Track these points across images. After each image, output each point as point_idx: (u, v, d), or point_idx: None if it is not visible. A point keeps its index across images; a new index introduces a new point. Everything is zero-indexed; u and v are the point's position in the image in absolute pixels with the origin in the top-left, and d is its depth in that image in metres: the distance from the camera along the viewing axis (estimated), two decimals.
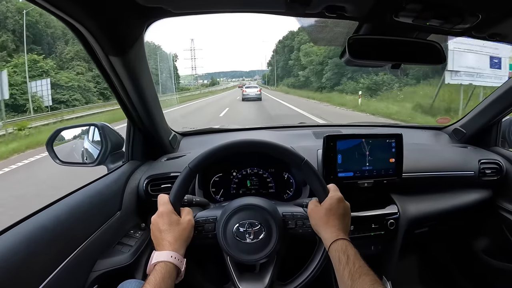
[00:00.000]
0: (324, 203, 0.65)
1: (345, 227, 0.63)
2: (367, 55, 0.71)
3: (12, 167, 5.05)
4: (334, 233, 0.60)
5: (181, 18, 10.71)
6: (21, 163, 5.27)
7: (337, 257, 0.56)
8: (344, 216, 0.64)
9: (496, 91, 1.08)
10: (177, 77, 39.58)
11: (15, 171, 4.86)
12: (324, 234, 0.61)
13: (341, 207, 0.64)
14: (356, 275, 0.52)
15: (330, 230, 0.61)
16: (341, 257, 0.56)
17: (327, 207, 0.63)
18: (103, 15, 0.57)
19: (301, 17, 0.59)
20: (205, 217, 0.68)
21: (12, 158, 5.77)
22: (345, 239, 0.59)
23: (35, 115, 12.63)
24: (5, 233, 0.55)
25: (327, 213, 0.63)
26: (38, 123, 9.80)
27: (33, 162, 5.34)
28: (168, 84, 24.01)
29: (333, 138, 0.89)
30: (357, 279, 0.51)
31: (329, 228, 0.61)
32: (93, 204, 0.75)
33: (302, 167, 0.67)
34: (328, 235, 0.60)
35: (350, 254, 0.56)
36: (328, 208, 0.63)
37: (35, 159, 5.42)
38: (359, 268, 0.53)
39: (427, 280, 1.33)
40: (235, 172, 0.98)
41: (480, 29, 0.70)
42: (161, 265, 0.56)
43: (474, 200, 1.07)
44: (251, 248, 0.64)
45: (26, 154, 6.00)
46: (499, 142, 1.18)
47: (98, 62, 0.69)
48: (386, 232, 0.94)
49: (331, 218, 0.62)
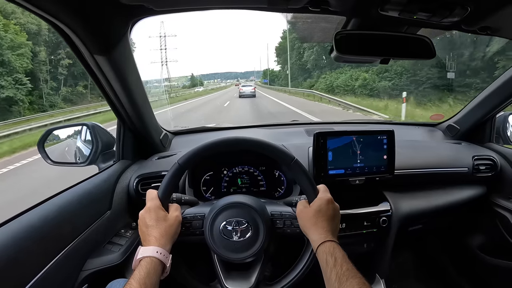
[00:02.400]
0: (313, 204, 0.64)
1: (334, 229, 0.62)
2: (354, 51, 0.70)
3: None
4: (322, 234, 0.59)
5: (173, 19, 10.55)
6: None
7: (324, 259, 0.55)
8: (333, 218, 0.63)
9: (489, 87, 1.07)
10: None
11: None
12: (312, 235, 0.61)
13: (330, 208, 0.63)
14: (344, 278, 0.51)
15: (318, 231, 0.60)
16: (328, 259, 0.55)
17: (316, 208, 0.63)
18: (86, 15, 0.57)
19: (284, 12, 0.58)
20: (193, 214, 0.68)
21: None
22: (333, 241, 0.58)
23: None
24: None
25: (316, 214, 0.62)
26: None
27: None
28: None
29: (324, 135, 0.88)
30: (345, 282, 0.51)
31: (317, 229, 0.60)
32: (82, 203, 0.74)
33: (292, 166, 0.66)
34: (316, 237, 0.59)
35: (337, 257, 0.55)
36: (317, 210, 0.62)
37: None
38: (346, 271, 0.52)
39: (421, 278, 1.32)
40: (226, 170, 0.98)
41: (470, 22, 0.69)
42: (146, 260, 0.55)
43: (468, 197, 1.06)
44: (237, 246, 0.63)
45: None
46: (493, 138, 1.17)
47: (84, 62, 0.69)
48: (378, 229, 0.93)
49: (319, 219, 0.61)
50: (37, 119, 11.55)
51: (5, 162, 5.36)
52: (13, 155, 6.00)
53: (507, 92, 1.03)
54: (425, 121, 1.36)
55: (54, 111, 14.99)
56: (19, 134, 8.42)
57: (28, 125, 9.68)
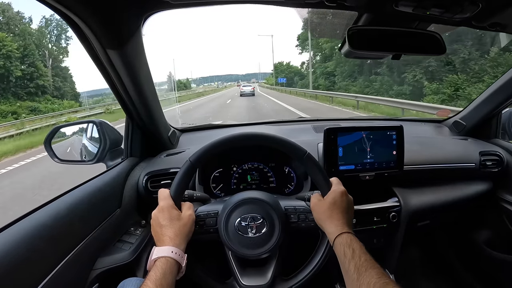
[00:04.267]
0: (327, 196, 0.64)
1: (349, 220, 0.62)
2: (367, 46, 0.70)
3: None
4: (339, 226, 0.59)
5: (172, 21, 10.33)
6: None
7: (342, 251, 0.55)
8: (347, 210, 0.63)
9: (495, 83, 1.08)
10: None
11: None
12: (328, 228, 0.61)
13: (344, 200, 0.64)
14: (362, 269, 0.51)
15: (334, 224, 0.60)
16: (346, 251, 0.55)
17: (331, 200, 0.63)
18: (101, 8, 0.56)
19: (300, 7, 0.58)
20: (207, 212, 0.67)
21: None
22: (349, 233, 0.58)
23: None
24: (4, 231, 0.54)
25: (331, 206, 0.62)
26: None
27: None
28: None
29: (334, 131, 0.88)
30: (363, 272, 0.51)
31: (333, 222, 0.60)
32: (92, 201, 0.74)
33: (305, 160, 0.66)
34: (332, 229, 0.59)
35: (355, 248, 0.55)
36: (331, 202, 0.62)
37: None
38: (365, 262, 0.52)
39: (429, 273, 1.33)
40: (235, 167, 0.97)
41: (480, 18, 0.70)
42: (161, 260, 0.55)
43: (475, 192, 1.07)
44: (253, 242, 0.63)
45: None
46: (499, 134, 1.18)
47: (95, 56, 0.68)
48: (388, 225, 0.94)
49: (334, 211, 0.61)
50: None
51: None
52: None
53: None
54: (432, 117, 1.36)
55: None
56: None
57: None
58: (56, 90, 23.84)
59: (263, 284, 0.64)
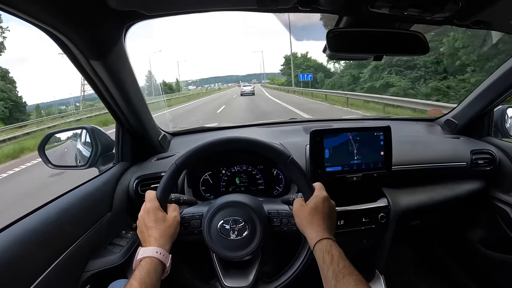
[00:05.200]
0: (309, 202, 0.64)
1: (330, 226, 0.63)
2: (347, 49, 0.71)
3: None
4: (319, 232, 0.60)
5: (170, 23, 10.15)
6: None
7: (321, 257, 0.56)
8: (329, 216, 0.63)
9: (486, 80, 1.07)
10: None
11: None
12: (308, 233, 0.61)
13: (326, 206, 0.64)
14: (340, 275, 0.52)
15: (315, 229, 0.60)
16: (325, 256, 0.55)
17: (312, 206, 0.63)
18: (81, 22, 0.58)
19: (274, 12, 0.59)
20: (192, 214, 0.69)
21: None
22: (329, 239, 0.58)
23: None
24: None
25: (312, 212, 0.62)
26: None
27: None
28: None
29: (320, 132, 0.89)
30: (341, 279, 0.51)
31: (313, 227, 0.61)
32: (83, 206, 0.76)
33: (288, 164, 0.67)
34: (312, 235, 0.60)
35: (334, 254, 0.55)
36: (313, 207, 0.63)
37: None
38: (343, 268, 0.53)
39: (421, 273, 1.32)
40: (224, 170, 0.99)
41: (462, 17, 0.69)
42: (146, 260, 0.56)
43: (466, 191, 1.06)
44: (235, 245, 0.64)
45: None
46: (492, 132, 1.17)
47: (81, 67, 0.70)
48: (377, 225, 0.94)
49: (315, 217, 0.62)
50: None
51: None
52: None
53: (504, 85, 1.03)
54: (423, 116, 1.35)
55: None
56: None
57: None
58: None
59: (245, 285, 0.65)
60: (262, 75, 67.68)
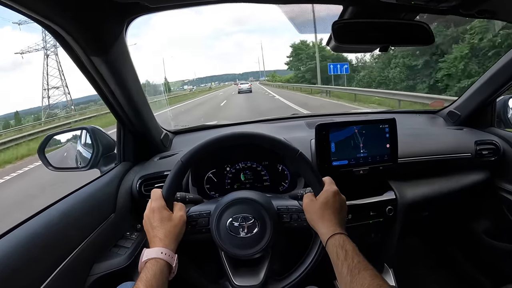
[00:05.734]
0: (319, 196, 0.63)
1: (342, 221, 0.61)
2: (353, 40, 0.70)
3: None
4: (331, 227, 0.58)
5: (166, 23, 9.92)
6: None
7: (335, 253, 0.54)
8: (340, 210, 0.62)
9: (488, 71, 1.07)
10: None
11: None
12: (320, 229, 0.60)
13: (337, 200, 0.62)
14: (356, 271, 0.50)
15: (327, 224, 0.59)
16: (339, 252, 0.54)
17: (323, 200, 0.61)
18: (81, 16, 0.56)
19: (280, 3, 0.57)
20: (199, 212, 0.67)
21: None
22: (342, 234, 0.57)
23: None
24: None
25: (323, 207, 0.61)
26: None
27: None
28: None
29: (325, 126, 0.88)
30: (357, 274, 0.49)
31: (325, 222, 0.59)
32: (85, 208, 0.74)
33: (297, 159, 0.65)
34: (324, 230, 0.58)
35: (348, 249, 0.53)
36: (323, 202, 0.61)
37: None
38: (358, 263, 0.51)
39: (430, 265, 1.33)
40: (229, 167, 0.97)
41: (467, 6, 0.69)
42: (151, 262, 0.55)
43: (472, 182, 1.06)
44: (244, 242, 0.63)
45: None
46: (495, 123, 1.17)
47: (81, 64, 0.68)
48: (384, 219, 0.93)
49: (326, 212, 0.60)
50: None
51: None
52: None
53: (506, 76, 1.02)
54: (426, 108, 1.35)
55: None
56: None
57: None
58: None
59: (256, 284, 0.64)
60: (259, 73, 66.22)
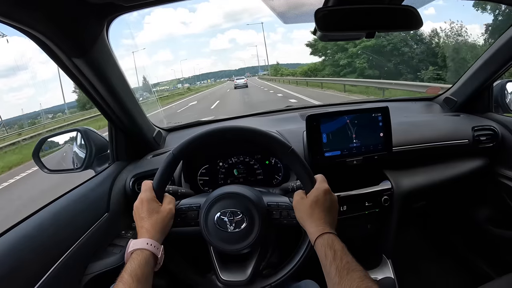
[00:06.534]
0: (309, 194, 0.61)
1: (332, 220, 0.59)
2: (338, 27, 0.68)
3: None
4: (320, 226, 0.57)
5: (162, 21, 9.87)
6: None
7: (323, 252, 0.53)
8: (330, 209, 0.60)
9: (483, 55, 1.04)
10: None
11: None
12: (309, 227, 0.58)
13: (327, 199, 0.61)
14: (344, 272, 0.49)
15: (316, 223, 0.57)
16: (327, 252, 0.52)
17: (313, 199, 0.60)
18: (59, 20, 0.55)
19: None
20: (189, 205, 0.67)
21: None
22: (331, 233, 0.55)
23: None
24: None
25: (312, 205, 0.59)
26: None
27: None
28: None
29: (316, 117, 0.87)
30: (345, 275, 0.48)
31: (314, 221, 0.58)
32: (78, 208, 0.74)
33: (289, 155, 0.64)
34: (313, 229, 0.57)
35: (337, 249, 0.52)
36: (313, 201, 0.60)
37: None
38: (346, 264, 0.50)
39: (430, 255, 1.31)
40: (221, 162, 0.97)
41: None
42: (137, 252, 0.55)
43: (470, 169, 1.04)
44: (232, 237, 0.62)
45: None
46: (492, 108, 1.14)
47: (64, 66, 0.68)
48: (381, 209, 0.92)
49: (316, 210, 0.59)
50: None
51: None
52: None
53: (502, 59, 1.00)
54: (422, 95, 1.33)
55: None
56: None
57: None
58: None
59: (242, 280, 0.63)
60: (258, 68, 65.50)
